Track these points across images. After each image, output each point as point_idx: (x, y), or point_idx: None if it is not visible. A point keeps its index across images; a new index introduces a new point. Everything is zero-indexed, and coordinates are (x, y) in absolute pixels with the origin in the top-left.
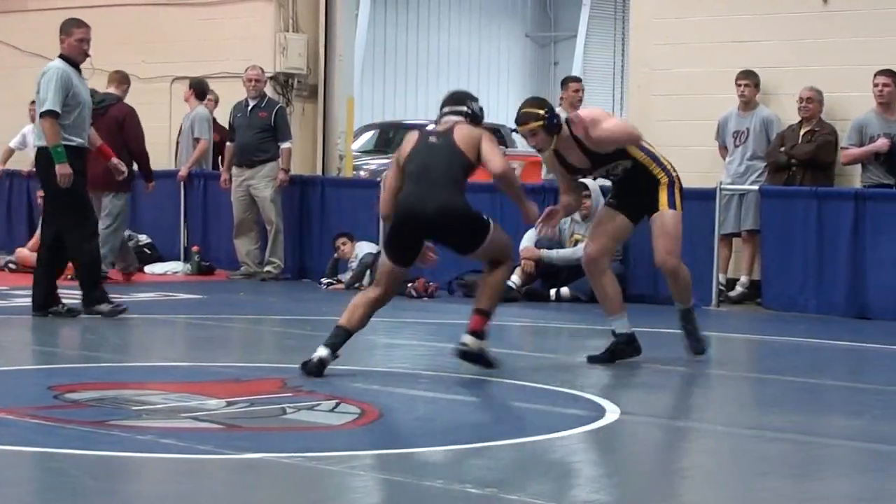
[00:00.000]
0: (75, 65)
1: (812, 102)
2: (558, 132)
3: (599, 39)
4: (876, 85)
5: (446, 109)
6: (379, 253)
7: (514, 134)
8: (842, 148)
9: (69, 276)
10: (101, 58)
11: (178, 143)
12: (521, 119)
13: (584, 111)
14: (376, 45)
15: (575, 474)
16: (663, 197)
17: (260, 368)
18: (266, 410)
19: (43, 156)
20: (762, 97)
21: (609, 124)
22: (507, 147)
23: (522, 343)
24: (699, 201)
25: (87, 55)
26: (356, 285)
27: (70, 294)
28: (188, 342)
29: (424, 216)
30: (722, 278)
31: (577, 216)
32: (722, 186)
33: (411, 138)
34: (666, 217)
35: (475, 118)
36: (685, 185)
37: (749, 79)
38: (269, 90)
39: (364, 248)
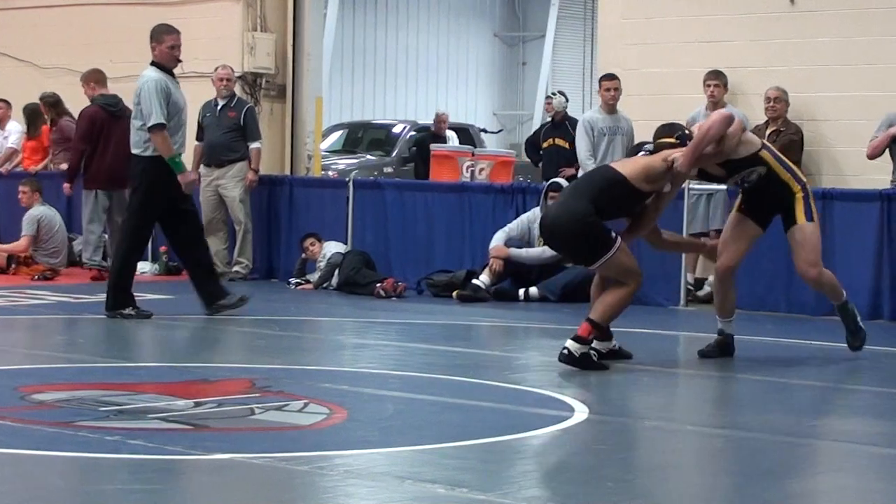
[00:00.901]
0: (168, 71)
1: (779, 102)
2: None
3: (568, 39)
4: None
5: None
6: (347, 253)
7: (482, 133)
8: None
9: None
10: (68, 57)
11: None
12: (657, 150)
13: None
14: (345, 44)
15: (544, 474)
16: (800, 209)
17: (228, 369)
18: (235, 411)
19: (136, 162)
20: (730, 97)
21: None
22: (475, 147)
23: (491, 343)
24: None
25: (178, 61)
26: (324, 285)
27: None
28: (156, 343)
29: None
30: (690, 278)
31: None
32: (690, 186)
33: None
34: (806, 230)
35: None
36: None
37: (717, 79)
38: (237, 90)
39: (332, 248)
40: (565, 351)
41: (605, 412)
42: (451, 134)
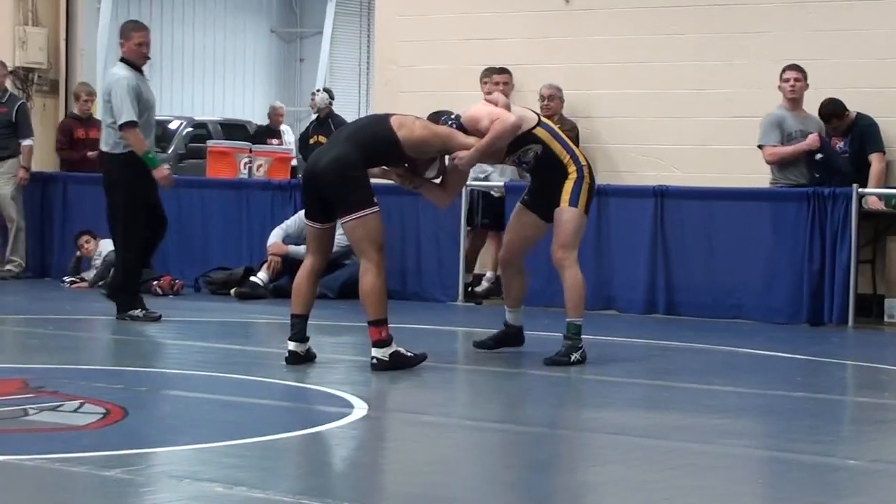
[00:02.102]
0: (137, 67)
1: (553, 100)
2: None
3: (346, 36)
4: (787, 80)
5: None
6: None
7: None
8: (763, 146)
9: None
10: None
11: None
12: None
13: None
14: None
15: (324, 470)
16: (566, 191)
17: (1, 369)
18: (7, 412)
19: (108, 160)
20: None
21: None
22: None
23: (270, 340)
24: None
25: (147, 58)
26: (99, 283)
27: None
28: None
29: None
30: (470, 277)
31: None
32: (469, 184)
33: None
34: (564, 214)
35: None
36: None
37: (504, 75)
38: (8, 85)
39: (107, 245)
40: (374, 361)
41: (384, 408)
42: (285, 128)
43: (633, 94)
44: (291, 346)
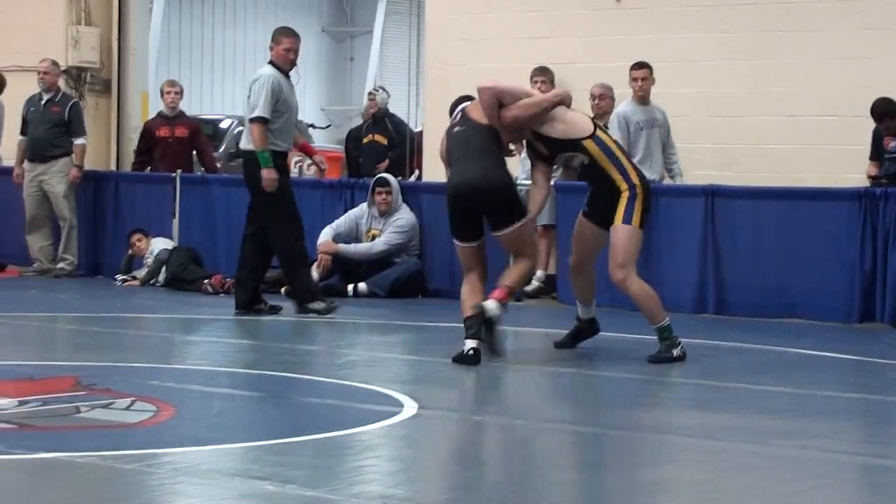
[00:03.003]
0: (283, 72)
1: (604, 99)
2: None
3: (396, 35)
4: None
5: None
6: (174, 249)
7: (310, 129)
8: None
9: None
10: None
11: None
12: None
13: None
14: (171, 38)
15: (373, 469)
16: (620, 210)
17: (53, 367)
18: (60, 409)
19: (249, 158)
20: None
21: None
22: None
23: (320, 339)
24: None
25: (293, 64)
26: (151, 282)
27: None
28: None
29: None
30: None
31: (374, 212)
32: (518, 182)
33: (443, 139)
34: (619, 232)
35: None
36: None
37: (544, 75)
38: (62, 84)
39: (159, 244)
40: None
41: (434, 407)
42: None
43: (683, 93)
44: (472, 343)
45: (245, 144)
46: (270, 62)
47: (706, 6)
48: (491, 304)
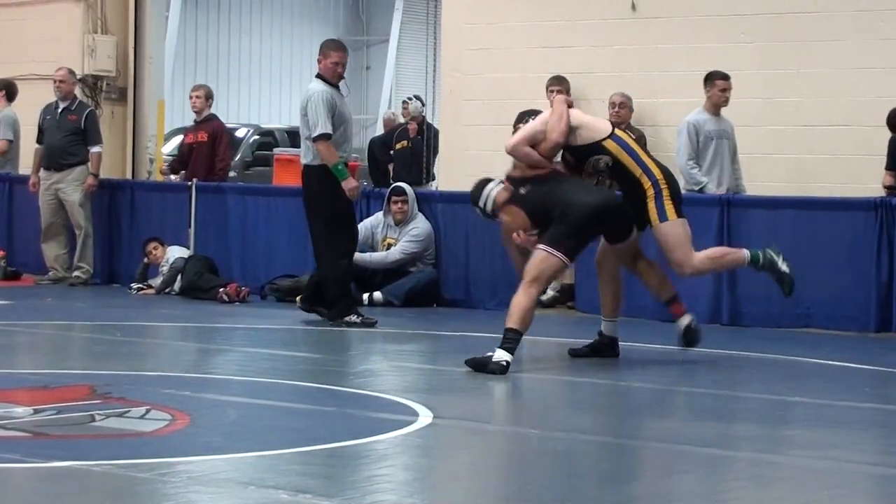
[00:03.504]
0: (333, 84)
1: (623, 108)
2: None
3: (412, 43)
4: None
5: None
6: (190, 257)
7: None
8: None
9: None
10: None
11: None
12: None
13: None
14: (187, 47)
15: (388, 479)
16: (652, 210)
17: (68, 375)
18: (75, 418)
19: (308, 173)
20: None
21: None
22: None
23: (335, 347)
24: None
25: (341, 77)
26: (166, 290)
27: None
28: None
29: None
30: None
31: (390, 220)
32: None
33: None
34: (660, 231)
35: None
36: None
37: (560, 84)
38: (78, 93)
39: (175, 252)
40: (693, 325)
41: (448, 416)
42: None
43: (699, 103)
44: (508, 357)
45: (307, 160)
46: (319, 76)
47: (723, 16)
48: (688, 319)
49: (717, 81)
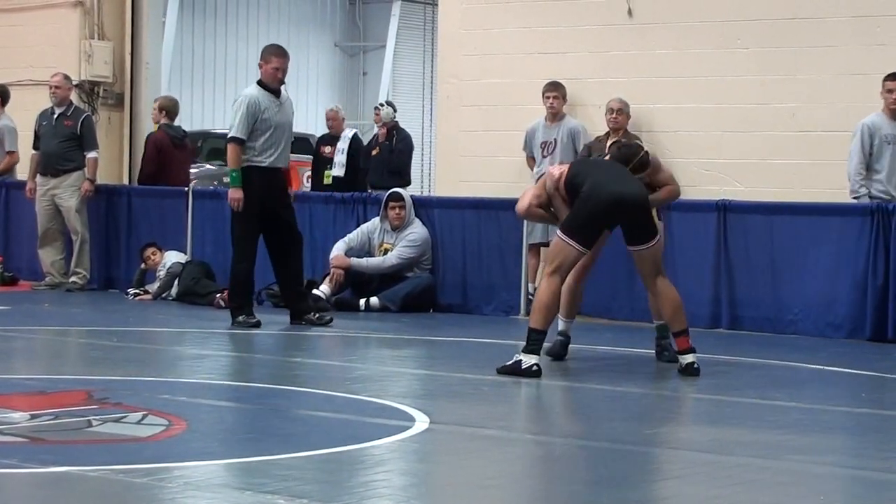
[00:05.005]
0: (271, 90)
1: (620, 114)
2: None
3: (408, 49)
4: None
5: None
6: (186, 263)
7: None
8: None
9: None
10: None
11: None
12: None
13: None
14: (184, 52)
15: (384, 484)
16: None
17: (65, 380)
18: (71, 423)
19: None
20: (569, 108)
21: None
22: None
23: (332, 353)
24: (507, 211)
25: (281, 83)
26: (163, 295)
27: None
28: None
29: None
30: (531, 287)
31: (387, 226)
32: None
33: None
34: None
35: None
36: (492, 195)
37: (556, 90)
38: (74, 98)
39: (172, 257)
40: (696, 366)
41: (444, 421)
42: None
43: (696, 109)
44: (535, 359)
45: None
46: (258, 81)
47: (719, 21)
48: (691, 358)
49: (885, 83)
